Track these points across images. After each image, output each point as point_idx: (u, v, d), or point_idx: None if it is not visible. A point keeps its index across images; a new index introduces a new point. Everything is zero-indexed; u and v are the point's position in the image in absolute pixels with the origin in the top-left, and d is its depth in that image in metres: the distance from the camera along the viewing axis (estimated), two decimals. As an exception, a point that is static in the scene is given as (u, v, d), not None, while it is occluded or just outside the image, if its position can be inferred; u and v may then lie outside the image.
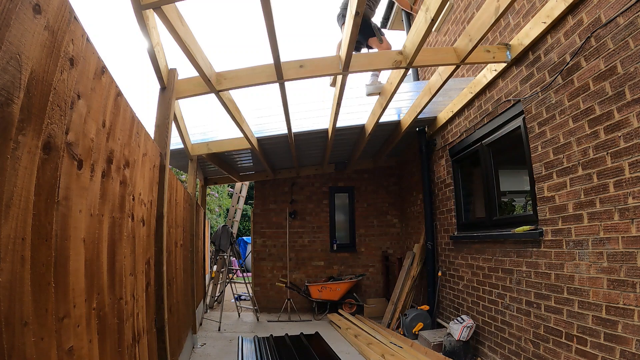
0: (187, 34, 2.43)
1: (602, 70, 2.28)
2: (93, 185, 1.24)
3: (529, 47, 3.01)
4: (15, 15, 0.79)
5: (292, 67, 3.09)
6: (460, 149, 4.43)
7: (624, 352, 2.09)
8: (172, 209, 3.04)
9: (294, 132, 4.59)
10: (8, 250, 0.77)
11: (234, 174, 6.81)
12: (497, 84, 3.59)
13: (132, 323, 1.74)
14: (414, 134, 5.43)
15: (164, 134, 2.65)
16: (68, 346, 1.02)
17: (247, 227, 15.39)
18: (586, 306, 2.41)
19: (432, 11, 2.46)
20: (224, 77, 3.10)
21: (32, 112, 0.85)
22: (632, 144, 2.07)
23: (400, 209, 7.16)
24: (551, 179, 2.78)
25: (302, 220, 7.17)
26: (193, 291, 4.73)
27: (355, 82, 3.61)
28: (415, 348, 4.09)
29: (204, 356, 4.14)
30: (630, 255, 2.09)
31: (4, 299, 0.74)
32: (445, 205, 4.86)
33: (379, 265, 7.07)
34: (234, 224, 9.64)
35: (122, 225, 1.58)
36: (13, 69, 0.78)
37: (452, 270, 4.60)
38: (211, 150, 4.94)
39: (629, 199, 2.10)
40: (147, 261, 2.12)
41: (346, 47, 2.76)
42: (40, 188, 0.89)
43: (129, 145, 1.66)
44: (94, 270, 1.25)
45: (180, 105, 3.72)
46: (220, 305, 5.91)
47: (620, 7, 2.14)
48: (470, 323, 3.80)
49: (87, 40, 1.15)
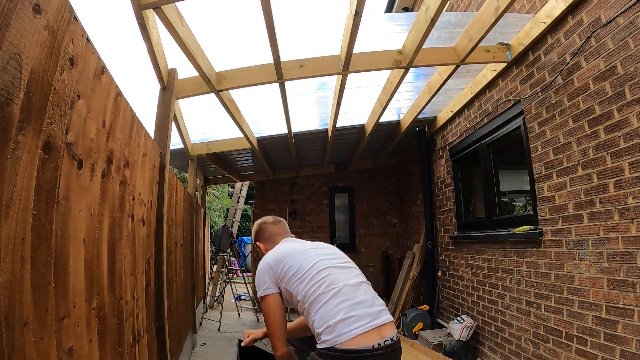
0: (187, 34, 2.43)
1: (602, 70, 2.28)
2: (93, 185, 1.24)
3: (529, 47, 3.01)
4: (15, 15, 0.79)
5: (292, 67, 3.09)
6: (460, 149, 4.43)
7: (624, 352, 2.09)
8: (172, 209, 3.04)
9: (294, 132, 4.59)
10: (8, 250, 0.76)
11: (234, 174, 6.81)
12: (497, 83, 3.59)
13: (132, 323, 1.74)
14: (414, 134, 5.43)
15: (164, 134, 2.65)
16: (68, 346, 1.02)
17: (247, 227, 15.38)
18: (586, 306, 2.41)
19: (432, 11, 2.46)
20: (224, 76, 3.10)
21: (32, 112, 0.85)
22: (632, 144, 2.07)
23: (400, 209, 7.16)
24: (551, 179, 2.77)
25: (302, 220, 7.16)
26: (193, 291, 4.73)
27: (356, 81, 3.60)
28: (415, 348, 4.09)
29: (204, 356, 4.14)
30: (630, 255, 2.09)
31: (3, 299, 0.74)
32: (445, 205, 4.86)
33: (379, 265, 7.07)
34: (234, 224, 9.64)
35: (122, 225, 1.58)
36: (13, 69, 0.78)
37: (452, 270, 4.60)
38: (211, 150, 4.94)
39: (629, 199, 2.10)
40: (147, 261, 2.12)
41: (346, 47, 2.76)
42: (40, 188, 0.89)
43: (129, 145, 1.66)
44: (94, 270, 1.25)
45: (180, 105, 3.72)
46: (220, 305, 5.91)
47: (620, 7, 2.14)
48: (470, 323, 3.80)
49: (87, 40, 1.15)
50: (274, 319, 1.49)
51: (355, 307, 1.35)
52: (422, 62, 3.11)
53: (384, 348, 1.30)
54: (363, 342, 1.27)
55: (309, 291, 1.42)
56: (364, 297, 1.42)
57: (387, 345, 1.31)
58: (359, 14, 2.35)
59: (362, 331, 1.29)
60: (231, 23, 2.88)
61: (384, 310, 1.42)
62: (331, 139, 4.91)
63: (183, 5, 2.30)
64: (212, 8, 2.82)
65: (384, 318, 1.37)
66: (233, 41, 3.00)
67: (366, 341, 1.28)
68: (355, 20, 2.41)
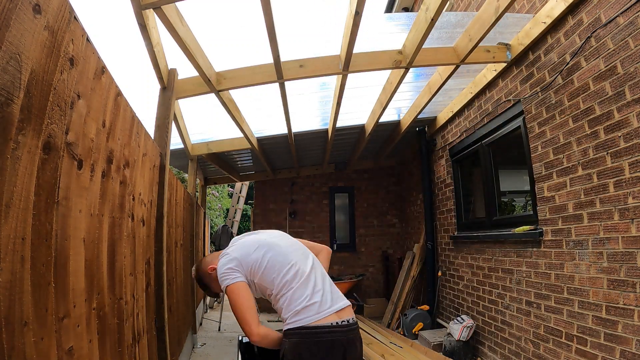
0: (187, 34, 2.43)
1: (602, 70, 2.28)
2: (93, 185, 1.24)
3: (529, 47, 3.01)
4: (15, 15, 0.78)
5: (292, 67, 3.09)
6: (460, 149, 4.43)
7: (624, 352, 2.09)
8: (172, 209, 3.04)
9: (294, 132, 4.59)
10: (8, 250, 0.76)
11: (234, 174, 6.81)
12: (497, 83, 3.59)
13: (132, 323, 1.74)
14: (414, 134, 5.43)
15: (164, 134, 2.65)
16: (68, 346, 1.02)
17: (247, 227, 15.38)
18: (586, 306, 2.41)
19: (432, 11, 2.46)
20: (224, 76, 3.10)
21: (32, 112, 0.85)
22: (632, 144, 2.07)
23: (400, 209, 7.16)
24: (551, 179, 2.77)
25: (302, 220, 7.17)
26: (193, 291, 4.73)
27: (356, 81, 3.60)
28: (415, 348, 4.09)
29: (204, 356, 4.14)
30: (630, 255, 2.09)
31: (4, 299, 0.74)
32: (445, 205, 4.86)
33: (379, 265, 7.07)
34: (234, 224, 9.64)
35: (122, 225, 1.58)
36: (13, 69, 0.78)
37: (452, 270, 4.60)
38: (211, 150, 4.94)
39: (629, 199, 2.10)
40: (147, 261, 2.12)
41: (346, 47, 2.76)
42: (40, 188, 0.89)
43: (129, 145, 1.66)
44: (94, 270, 1.24)
45: (180, 105, 3.72)
46: (220, 305, 5.91)
47: (620, 7, 2.14)
48: (470, 323, 3.80)
49: (87, 40, 1.15)
50: (248, 303, 1.53)
51: (317, 294, 1.54)
52: (422, 62, 3.11)
53: (340, 326, 1.50)
54: (324, 320, 1.49)
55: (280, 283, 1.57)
56: (324, 285, 1.61)
57: (343, 325, 1.51)
58: (359, 14, 2.35)
59: (324, 316, 1.49)
60: (231, 23, 2.88)
61: (341, 297, 1.63)
62: (331, 139, 4.91)
63: (183, 5, 2.30)
64: (212, 8, 2.82)
65: (342, 303, 1.58)
66: (233, 41, 3.00)
67: (326, 320, 1.49)
68: (355, 20, 2.41)
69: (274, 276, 1.57)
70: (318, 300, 1.52)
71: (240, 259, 1.60)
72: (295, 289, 1.54)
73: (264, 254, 1.62)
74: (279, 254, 1.63)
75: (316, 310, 1.50)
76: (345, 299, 1.63)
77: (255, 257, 1.61)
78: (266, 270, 1.58)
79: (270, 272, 1.58)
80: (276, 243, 1.70)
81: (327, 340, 1.46)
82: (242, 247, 1.68)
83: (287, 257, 1.63)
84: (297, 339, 1.45)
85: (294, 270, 1.58)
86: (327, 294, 1.58)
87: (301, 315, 1.48)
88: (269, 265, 1.59)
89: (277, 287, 1.56)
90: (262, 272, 1.58)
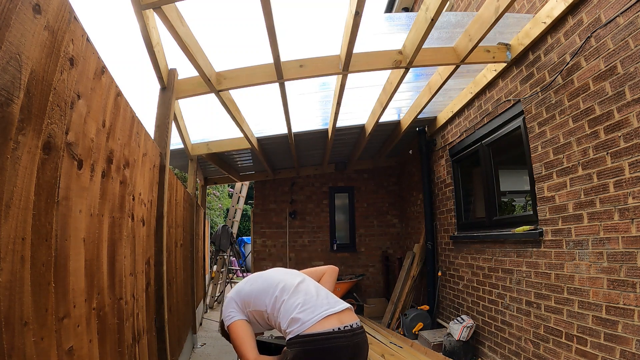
0: (187, 34, 2.43)
1: (602, 70, 2.28)
2: (93, 185, 1.24)
3: (529, 47, 3.01)
4: (15, 15, 0.79)
5: (292, 67, 3.09)
6: (460, 149, 4.43)
7: (624, 352, 2.09)
8: (172, 209, 3.04)
9: (294, 132, 4.59)
10: (8, 250, 0.76)
11: (234, 174, 6.81)
12: (497, 83, 3.59)
13: (132, 323, 1.74)
14: (414, 133, 5.43)
15: (164, 134, 2.65)
16: (68, 346, 1.02)
17: (247, 227, 15.38)
18: (586, 306, 2.41)
19: (432, 11, 2.46)
20: (224, 76, 3.10)
21: (32, 112, 0.85)
22: (632, 144, 2.07)
23: (400, 209, 7.16)
24: (551, 179, 2.77)
25: (302, 220, 7.17)
26: (193, 291, 4.73)
27: (356, 81, 3.60)
28: (415, 348, 4.09)
29: (204, 356, 4.14)
30: (630, 255, 2.09)
31: (4, 299, 0.74)
32: (445, 205, 4.86)
33: (379, 265, 7.07)
34: (234, 224, 9.64)
35: (122, 225, 1.58)
36: (13, 69, 0.78)
37: (452, 270, 4.60)
38: (211, 150, 4.94)
39: (629, 199, 2.10)
40: (147, 261, 2.12)
41: (346, 47, 2.76)
42: (40, 188, 0.89)
43: (128, 145, 1.66)
44: (94, 270, 1.25)
45: (180, 105, 3.72)
46: (220, 305, 5.91)
47: (620, 7, 2.14)
48: (470, 323, 3.80)
49: (87, 40, 1.15)
50: (244, 337, 1.64)
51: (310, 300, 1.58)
52: (422, 62, 3.11)
53: (343, 332, 1.48)
54: (324, 326, 1.47)
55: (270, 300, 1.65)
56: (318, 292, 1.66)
57: (346, 330, 1.49)
58: (359, 14, 2.35)
59: (321, 317, 1.49)
60: (231, 23, 2.88)
61: (339, 301, 1.65)
62: (331, 139, 4.91)
63: (183, 6, 2.30)
64: (212, 8, 2.82)
65: (340, 306, 1.59)
66: (233, 41, 3.00)
67: (327, 325, 1.47)
68: (355, 20, 2.41)
69: (263, 297, 1.68)
70: (312, 304, 1.56)
71: (235, 297, 1.77)
72: (286, 300, 1.61)
73: (253, 283, 1.79)
74: (267, 279, 1.78)
75: (312, 313, 1.51)
76: (344, 302, 1.65)
77: (248, 288, 1.77)
78: (258, 295, 1.71)
79: (261, 296, 1.69)
80: (268, 274, 1.85)
81: (330, 346, 1.45)
82: (237, 286, 1.86)
83: (274, 279, 1.76)
84: (298, 347, 1.46)
85: (281, 286, 1.69)
86: (322, 298, 1.62)
87: (298, 322, 1.50)
88: (259, 289, 1.73)
89: (270, 306, 1.65)
90: (254, 299, 1.71)
